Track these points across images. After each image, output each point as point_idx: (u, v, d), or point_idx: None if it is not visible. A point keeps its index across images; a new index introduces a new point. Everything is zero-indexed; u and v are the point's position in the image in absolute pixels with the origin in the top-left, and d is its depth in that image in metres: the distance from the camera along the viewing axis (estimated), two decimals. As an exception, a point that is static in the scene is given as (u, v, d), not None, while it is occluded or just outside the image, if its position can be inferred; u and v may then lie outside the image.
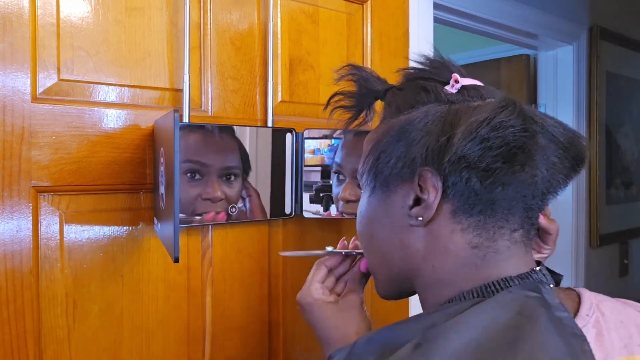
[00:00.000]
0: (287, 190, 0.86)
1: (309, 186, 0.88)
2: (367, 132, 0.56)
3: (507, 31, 1.76)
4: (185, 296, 0.79)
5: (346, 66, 0.55)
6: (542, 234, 0.68)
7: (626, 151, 2.38)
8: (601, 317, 0.46)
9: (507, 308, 0.41)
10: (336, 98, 0.56)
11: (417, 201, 0.46)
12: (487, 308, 0.42)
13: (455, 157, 0.43)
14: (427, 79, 0.50)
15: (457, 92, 0.48)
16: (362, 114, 0.57)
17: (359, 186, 0.56)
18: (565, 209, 2.03)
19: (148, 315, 0.75)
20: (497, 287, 0.44)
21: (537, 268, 0.47)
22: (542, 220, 0.64)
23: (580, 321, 0.43)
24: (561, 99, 2.04)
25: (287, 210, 0.86)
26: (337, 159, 0.88)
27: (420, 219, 0.46)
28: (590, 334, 0.42)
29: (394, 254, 0.50)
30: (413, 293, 0.53)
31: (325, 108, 0.57)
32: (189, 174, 0.75)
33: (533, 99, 2.12)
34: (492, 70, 2.21)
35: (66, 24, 0.68)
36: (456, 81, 0.48)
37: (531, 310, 0.41)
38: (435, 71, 0.51)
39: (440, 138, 0.44)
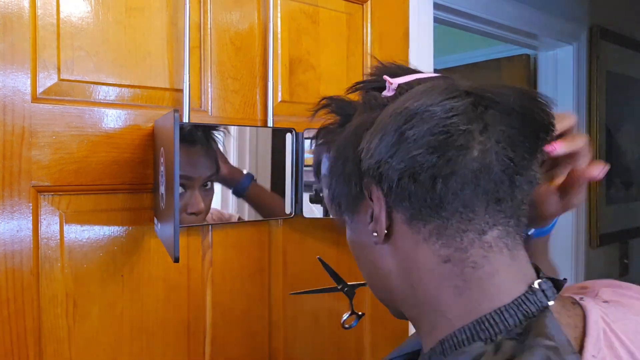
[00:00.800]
0: (287, 190, 0.86)
1: (309, 186, 0.88)
2: None
3: (507, 31, 1.76)
4: (185, 296, 0.79)
5: (320, 101, 0.53)
6: (562, 173, 0.50)
7: (626, 151, 2.38)
8: (610, 351, 0.38)
9: None
10: (323, 132, 0.53)
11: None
12: None
13: (372, 161, 0.39)
14: (367, 90, 0.47)
15: (393, 94, 0.44)
16: None
17: None
18: (566, 209, 2.03)
19: (148, 315, 0.76)
20: (492, 323, 0.38)
21: (536, 283, 0.40)
22: (556, 147, 0.46)
23: None
24: (561, 98, 2.04)
25: (287, 210, 0.86)
26: (323, 170, 0.86)
27: (376, 234, 0.43)
28: None
29: (374, 278, 0.47)
30: None
31: (315, 145, 0.55)
32: None
33: (533, 99, 2.12)
34: (492, 70, 2.21)
35: (66, 24, 0.68)
36: (390, 83, 0.44)
37: None
38: (374, 78, 0.48)
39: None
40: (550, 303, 0.40)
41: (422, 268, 0.41)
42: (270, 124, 0.85)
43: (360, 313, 0.70)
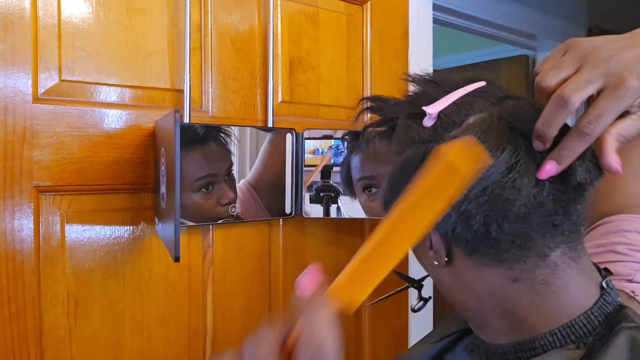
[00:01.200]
0: (287, 190, 0.87)
1: (309, 186, 0.88)
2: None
3: (506, 32, 1.76)
4: (186, 295, 0.79)
5: (360, 102, 0.52)
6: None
7: (625, 151, 2.38)
8: None
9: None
10: (369, 130, 0.52)
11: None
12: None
13: None
14: (409, 116, 0.45)
15: (433, 123, 0.42)
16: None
17: None
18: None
19: (149, 314, 0.76)
20: (581, 325, 0.40)
21: (604, 283, 0.42)
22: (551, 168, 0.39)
23: None
24: (560, 99, 2.05)
25: (287, 210, 0.87)
26: (359, 174, 0.86)
27: (436, 263, 0.44)
28: None
29: (438, 285, 0.48)
30: None
31: (364, 143, 0.54)
32: (203, 189, 0.77)
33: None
34: (492, 71, 2.22)
35: (67, 25, 0.69)
36: (429, 113, 0.43)
37: None
38: (414, 102, 0.45)
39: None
40: (619, 299, 0.43)
41: (491, 286, 0.42)
42: (270, 124, 0.85)
43: (427, 297, 0.74)
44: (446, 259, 0.43)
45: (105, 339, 0.72)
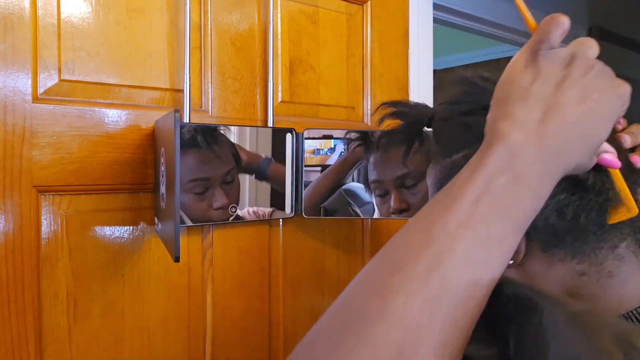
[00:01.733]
0: (287, 190, 0.86)
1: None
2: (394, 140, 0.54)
3: (506, 31, 1.76)
4: (185, 296, 0.79)
5: (380, 107, 0.52)
6: None
7: (626, 151, 2.38)
8: None
9: None
10: (384, 137, 0.53)
11: None
12: None
13: None
14: (472, 114, 0.45)
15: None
16: (416, 143, 0.53)
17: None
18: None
19: (149, 314, 0.76)
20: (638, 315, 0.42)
21: None
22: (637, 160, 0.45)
23: None
24: (561, 99, 2.05)
25: (287, 210, 0.87)
26: (372, 176, 0.87)
27: (511, 261, 0.44)
28: None
29: None
30: None
31: (377, 148, 0.54)
32: (196, 191, 0.77)
33: (533, 99, 2.12)
34: (492, 71, 2.22)
35: (67, 25, 0.69)
36: None
37: None
38: (477, 98, 0.46)
39: None
40: None
41: (557, 281, 0.44)
42: (270, 124, 0.85)
43: None
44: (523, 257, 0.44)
45: (105, 339, 0.72)
